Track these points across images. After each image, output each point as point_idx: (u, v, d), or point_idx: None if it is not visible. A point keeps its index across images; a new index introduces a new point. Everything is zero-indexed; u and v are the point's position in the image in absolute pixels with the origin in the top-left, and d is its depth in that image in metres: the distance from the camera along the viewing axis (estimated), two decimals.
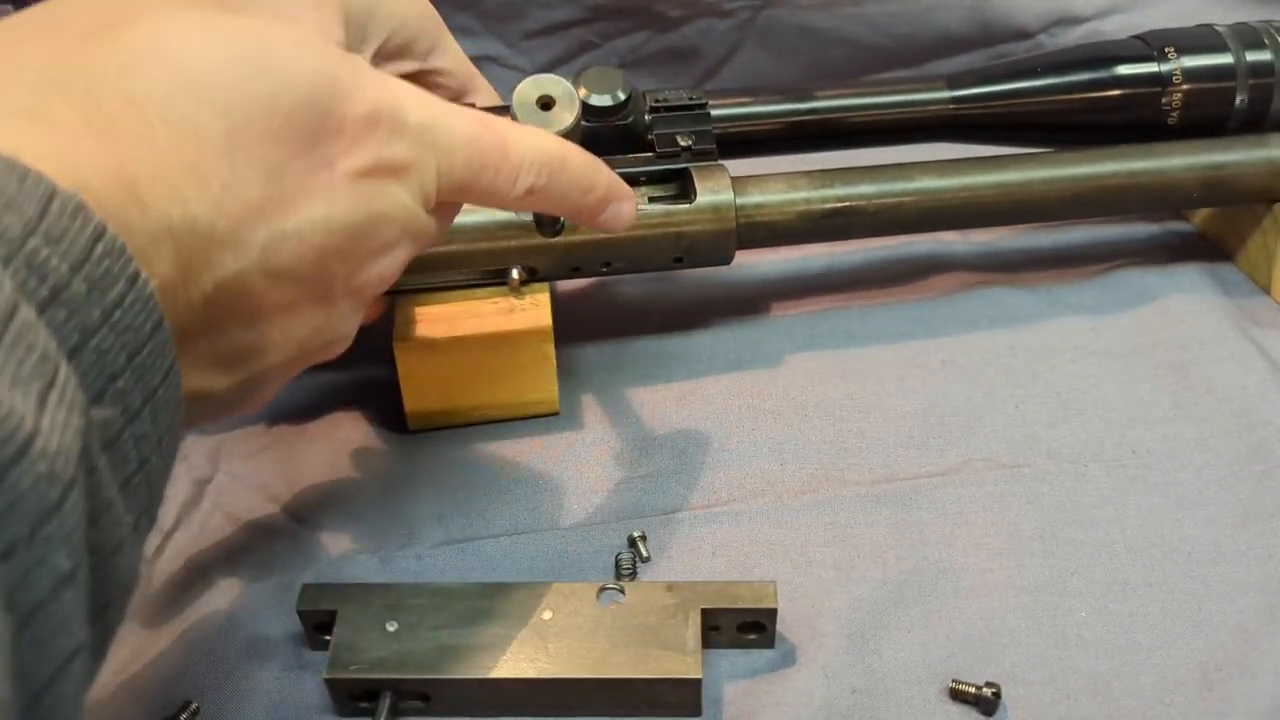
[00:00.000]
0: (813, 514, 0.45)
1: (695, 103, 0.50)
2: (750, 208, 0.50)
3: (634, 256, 0.49)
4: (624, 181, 0.39)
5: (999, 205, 0.52)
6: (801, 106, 0.53)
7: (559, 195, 0.36)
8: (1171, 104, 0.53)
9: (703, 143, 0.49)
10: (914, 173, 0.51)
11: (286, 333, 0.31)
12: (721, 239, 0.49)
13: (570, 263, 0.49)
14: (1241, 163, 0.53)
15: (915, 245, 0.60)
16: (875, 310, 0.56)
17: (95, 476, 0.23)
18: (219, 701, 0.40)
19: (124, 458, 0.24)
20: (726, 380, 0.52)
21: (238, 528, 0.46)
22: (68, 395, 0.22)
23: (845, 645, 0.40)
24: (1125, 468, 0.47)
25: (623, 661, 0.38)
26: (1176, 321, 0.54)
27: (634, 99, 0.49)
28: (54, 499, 0.21)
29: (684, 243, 0.49)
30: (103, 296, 0.23)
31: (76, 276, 0.23)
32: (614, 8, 0.68)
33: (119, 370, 0.24)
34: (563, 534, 0.45)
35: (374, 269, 0.32)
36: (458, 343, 0.48)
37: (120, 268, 0.24)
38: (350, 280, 0.32)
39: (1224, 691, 0.38)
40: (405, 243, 0.33)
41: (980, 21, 0.68)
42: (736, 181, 0.50)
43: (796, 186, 0.50)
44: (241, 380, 0.31)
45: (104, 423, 0.23)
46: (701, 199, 0.49)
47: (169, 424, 0.26)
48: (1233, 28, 0.55)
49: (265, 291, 0.29)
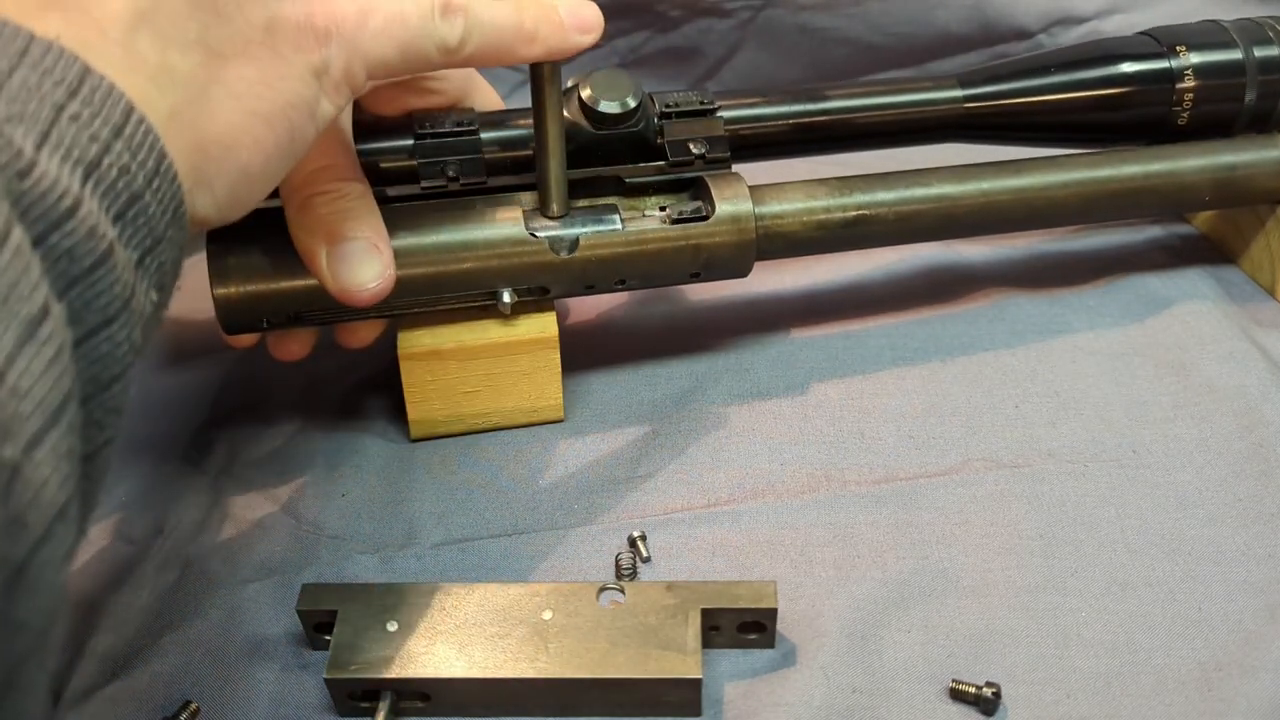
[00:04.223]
0: (813, 514, 0.45)
1: (707, 107, 0.49)
2: (769, 218, 0.48)
3: (650, 273, 0.47)
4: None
5: (1015, 210, 0.51)
6: (811, 107, 0.52)
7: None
8: (1182, 101, 0.53)
9: (716, 150, 0.48)
10: (931, 179, 0.50)
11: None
12: (741, 251, 0.48)
13: (585, 280, 0.47)
14: (1252, 163, 0.53)
15: (917, 248, 0.60)
16: (876, 312, 0.56)
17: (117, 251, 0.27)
18: (219, 701, 0.40)
19: (137, 230, 0.28)
20: (727, 381, 0.52)
21: (238, 528, 0.46)
22: (105, 180, 0.26)
23: (845, 645, 0.40)
24: (1125, 468, 0.47)
25: (623, 661, 0.38)
26: (1177, 322, 0.54)
27: (643, 105, 0.47)
28: (102, 250, 0.26)
29: (702, 257, 0.47)
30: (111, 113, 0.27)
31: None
32: (614, 7, 0.68)
33: (107, 146, 0.27)
34: (563, 534, 0.45)
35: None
36: (462, 352, 0.47)
37: (112, 104, 0.27)
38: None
39: (1224, 691, 0.38)
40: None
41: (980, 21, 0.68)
42: (753, 191, 0.48)
43: (815, 195, 0.49)
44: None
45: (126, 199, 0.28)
46: (720, 212, 0.47)
47: (173, 202, 0.29)
48: (1237, 23, 0.54)
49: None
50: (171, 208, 0.29)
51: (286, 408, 0.52)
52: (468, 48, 0.37)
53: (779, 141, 0.52)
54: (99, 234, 0.26)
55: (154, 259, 0.29)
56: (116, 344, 0.27)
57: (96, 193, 0.26)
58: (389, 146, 0.46)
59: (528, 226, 0.45)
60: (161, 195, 0.28)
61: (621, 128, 0.47)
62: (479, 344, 0.47)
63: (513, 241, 0.45)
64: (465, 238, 0.45)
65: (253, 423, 0.51)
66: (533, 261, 0.46)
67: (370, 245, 0.41)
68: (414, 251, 0.44)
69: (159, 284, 0.29)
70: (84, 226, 0.25)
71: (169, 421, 0.51)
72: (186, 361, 0.55)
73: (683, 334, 0.55)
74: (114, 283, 0.26)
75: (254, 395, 0.53)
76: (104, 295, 0.26)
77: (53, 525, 0.23)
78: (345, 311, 0.45)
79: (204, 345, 0.56)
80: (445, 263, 0.45)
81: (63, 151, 0.25)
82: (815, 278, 0.59)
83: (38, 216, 0.24)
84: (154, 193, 0.28)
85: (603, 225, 0.46)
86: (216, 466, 0.49)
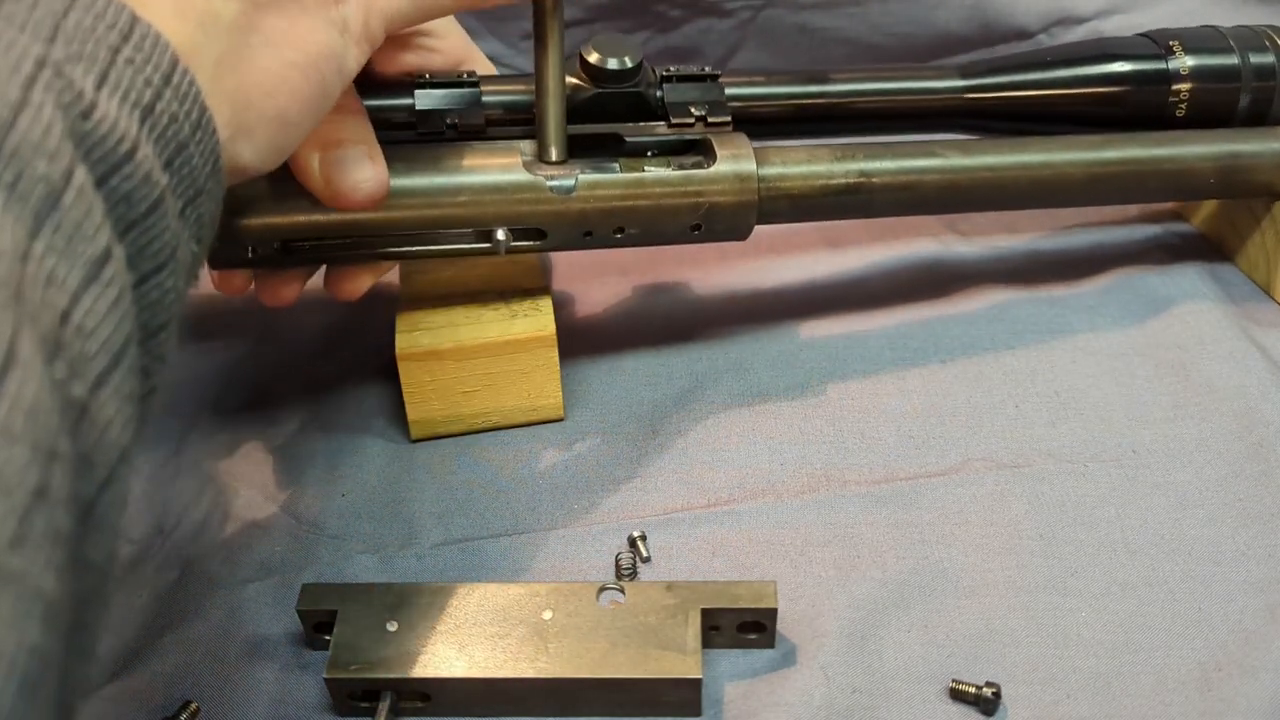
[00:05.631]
0: (813, 514, 0.45)
1: (707, 73, 0.49)
2: (772, 178, 0.47)
3: (650, 222, 0.46)
4: None
5: (1020, 185, 0.51)
6: (813, 89, 0.52)
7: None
8: (1178, 102, 0.54)
9: (717, 113, 0.48)
10: (936, 149, 0.50)
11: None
12: (743, 208, 0.47)
13: (583, 227, 0.46)
14: (1256, 154, 0.53)
15: (917, 247, 0.60)
16: (876, 311, 0.56)
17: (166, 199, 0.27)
18: (219, 701, 0.40)
19: (182, 180, 0.28)
20: (727, 381, 0.52)
21: (238, 528, 0.46)
22: (159, 126, 0.27)
23: (845, 645, 0.40)
24: (1125, 468, 0.47)
25: (623, 661, 0.38)
26: (1177, 321, 0.54)
27: (644, 68, 0.47)
28: (155, 196, 0.26)
29: (703, 209, 0.47)
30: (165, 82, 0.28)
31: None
32: (614, 7, 0.68)
33: (159, 92, 0.27)
34: (563, 534, 0.45)
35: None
36: (461, 352, 0.47)
37: (160, 52, 0.28)
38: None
39: (1224, 691, 0.38)
40: None
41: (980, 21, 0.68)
42: (756, 151, 0.47)
43: (818, 158, 0.49)
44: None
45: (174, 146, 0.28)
46: (723, 165, 0.46)
47: (213, 155, 0.30)
48: (1234, 30, 0.55)
49: None
50: (211, 160, 0.30)
51: (286, 408, 0.52)
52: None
53: (778, 120, 0.52)
54: (153, 180, 0.26)
55: (194, 210, 0.29)
56: (165, 290, 0.27)
57: (150, 138, 0.26)
58: (389, 104, 0.46)
59: (526, 169, 0.45)
60: (203, 147, 0.29)
61: (623, 86, 0.47)
62: (477, 343, 0.47)
63: (510, 182, 0.45)
64: (462, 178, 0.44)
65: (253, 422, 0.51)
66: (530, 202, 0.45)
67: (365, 152, 0.40)
68: (409, 191, 0.44)
69: (197, 236, 0.30)
70: (140, 171, 0.26)
71: (169, 421, 0.51)
72: (187, 361, 0.55)
73: (683, 333, 0.55)
74: (165, 229, 0.27)
75: (254, 395, 0.53)
76: (156, 241, 0.26)
77: (117, 467, 0.23)
78: (334, 245, 0.44)
79: (204, 344, 0.56)
80: (441, 204, 0.44)
81: (120, 93, 0.26)
82: (816, 276, 0.59)
83: (100, 158, 0.25)
84: (197, 144, 0.29)
85: (602, 171, 0.46)
86: (216, 466, 0.49)
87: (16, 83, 0.23)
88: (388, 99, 0.46)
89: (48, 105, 0.23)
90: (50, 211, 0.23)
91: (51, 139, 0.23)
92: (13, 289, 0.21)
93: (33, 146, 0.23)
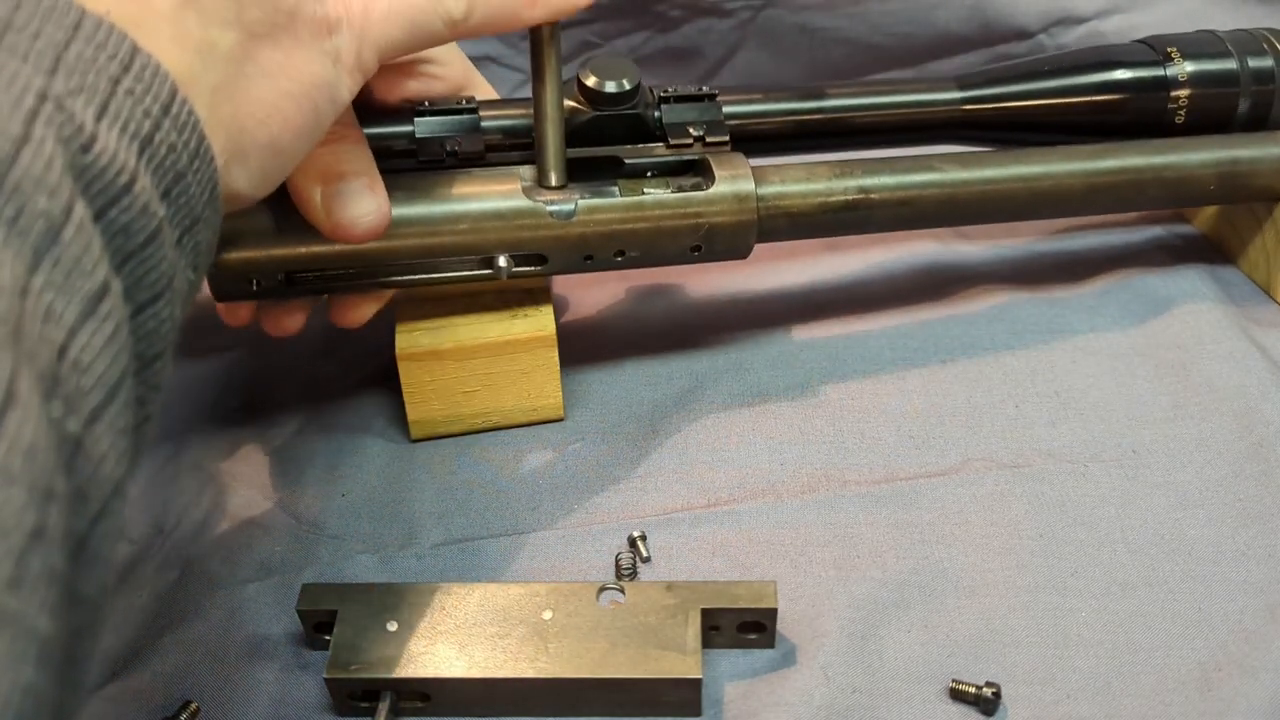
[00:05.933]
0: (813, 514, 0.45)
1: (705, 93, 0.49)
2: (771, 196, 0.48)
3: (650, 244, 0.47)
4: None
5: (1020, 198, 0.51)
6: (810, 105, 0.53)
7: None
8: (1178, 109, 0.54)
9: (715, 133, 0.48)
10: (935, 163, 0.50)
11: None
12: (742, 228, 0.47)
13: (583, 251, 0.46)
14: (1256, 159, 0.53)
15: (917, 248, 0.60)
16: (876, 312, 0.56)
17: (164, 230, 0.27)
18: (219, 701, 0.40)
19: (179, 209, 0.28)
20: (727, 381, 0.52)
21: (238, 528, 0.46)
22: (157, 157, 0.27)
23: (845, 645, 0.40)
24: (1125, 468, 0.47)
25: (623, 661, 0.38)
26: (1177, 322, 0.54)
27: (642, 89, 0.48)
28: (153, 226, 0.26)
29: (703, 230, 0.47)
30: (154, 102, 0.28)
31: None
32: (614, 8, 0.68)
33: (158, 123, 0.28)
34: (563, 534, 0.45)
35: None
36: (461, 352, 0.47)
37: (160, 82, 0.28)
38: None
39: (1224, 691, 0.38)
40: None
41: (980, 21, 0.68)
42: (755, 170, 0.48)
43: (817, 175, 0.49)
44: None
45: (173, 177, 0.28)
46: (721, 186, 0.46)
47: (210, 183, 0.30)
48: (1231, 34, 0.55)
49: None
50: (209, 189, 0.30)
51: (286, 408, 0.52)
52: (473, 17, 0.38)
53: (776, 136, 0.52)
54: (151, 211, 0.26)
55: (191, 239, 0.29)
56: (161, 320, 0.27)
57: (149, 169, 0.27)
58: (389, 131, 0.46)
59: (526, 195, 0.45)
60: (201, 176, 0.29)
61: (620, 108, 0.47)
62: (477, 343, 0.47)
63: (511, 209, 0.45)
64: (462, 205, 0.45)
65: (253, 422, 0.51)
66: (530, 228, 0.45)
67: (365, 184, 0.41)
68: (411, 220, 0.44)
69: (194, 264, 0.30)
70: (139, 202, 0.26)
71: (169, 421, 0.51)
72: (186, 361, 0.55)
73: (683, 333, 0.55)
74: (162, 259, 0.27)
75: (254, 395, 0.53)
76: (154, 271, 0.26)
77: (110, 500, 0.23)
78: (338, 275, 0.44)
79: (204, 344, 0.56)
80: (442, 233, 0.44)
81: (120, 125, 0.26)
82: (816, 277, 0.59)
83: (98, 191, 0.25)
84: (194, 173, 0.29)
85: (602, 195, 0.46)
86: (216, 466, 0.49)
87: (19, 118, 0.23)
88: (388, 126, 0.46)
89: (49, 140, 0.23)
90: (50, 246, 0.23)
91: (52, 174, 0.23)
92: (12, 325, 0.21)
93: (34, 182, 0.23)
